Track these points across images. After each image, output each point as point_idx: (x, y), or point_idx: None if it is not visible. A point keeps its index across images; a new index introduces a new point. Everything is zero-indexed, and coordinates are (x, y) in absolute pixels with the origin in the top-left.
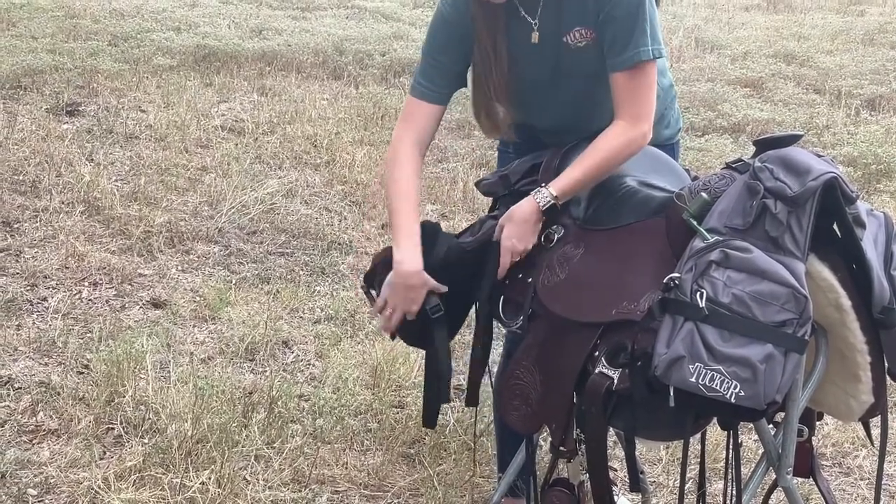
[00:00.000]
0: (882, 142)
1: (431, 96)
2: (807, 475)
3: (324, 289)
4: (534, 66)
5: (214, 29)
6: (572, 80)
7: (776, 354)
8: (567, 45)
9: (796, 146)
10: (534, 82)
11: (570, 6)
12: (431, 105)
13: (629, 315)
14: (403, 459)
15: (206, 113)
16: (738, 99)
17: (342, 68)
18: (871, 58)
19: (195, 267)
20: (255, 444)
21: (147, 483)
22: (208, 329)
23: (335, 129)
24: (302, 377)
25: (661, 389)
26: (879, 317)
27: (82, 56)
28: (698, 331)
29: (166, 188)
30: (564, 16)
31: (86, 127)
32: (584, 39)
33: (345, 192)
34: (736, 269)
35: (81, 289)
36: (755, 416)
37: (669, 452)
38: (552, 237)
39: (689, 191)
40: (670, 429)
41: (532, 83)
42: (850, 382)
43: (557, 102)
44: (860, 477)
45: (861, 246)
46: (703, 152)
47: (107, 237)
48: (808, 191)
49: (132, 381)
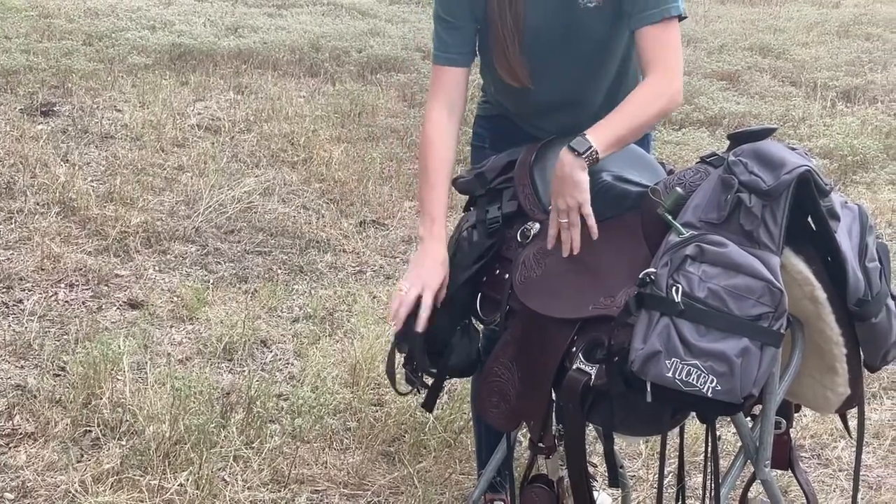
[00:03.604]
0: (857, 133)
1: (455, 59)
2: (785, 467)
3: (302, 287)
4: (547, 20)
5: (190, 27)
6: (582, 43)
7: (752, 348)
8: (580, 3)
9: (770, 139)
10: (545, 40)
11: None
12: (456, 69)
13: (606, 311)
14: (383, 458)
15: (182, 112)
16: (715, 92)
17: (319, 65)
18: (846, 49)
19: (172, 267)
20: (233, 444)
21: (125, 485)
22: (186, 329)
23: (312, 127)
24: (280, 376)
25: (638, 385)
26: (855, 309)
27: (56, 56)
28: (674, 326)
29: (142, 188)
30: None
31: (61, 127)
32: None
33: (322, 190)
34: (711, 264)
35: (58, 290)
36: (732, 410)
37: (649, 447)
38: (528, 234)
39: (663, 185)
40: (648, 424)
41: (543, 40)
42: (827, 375)
43: (564, 65)
44: (839, 468)
45: (835, 238)
46: (681, 146)
47: (83, 238)
48: (782, 184)
49: (109, 383)
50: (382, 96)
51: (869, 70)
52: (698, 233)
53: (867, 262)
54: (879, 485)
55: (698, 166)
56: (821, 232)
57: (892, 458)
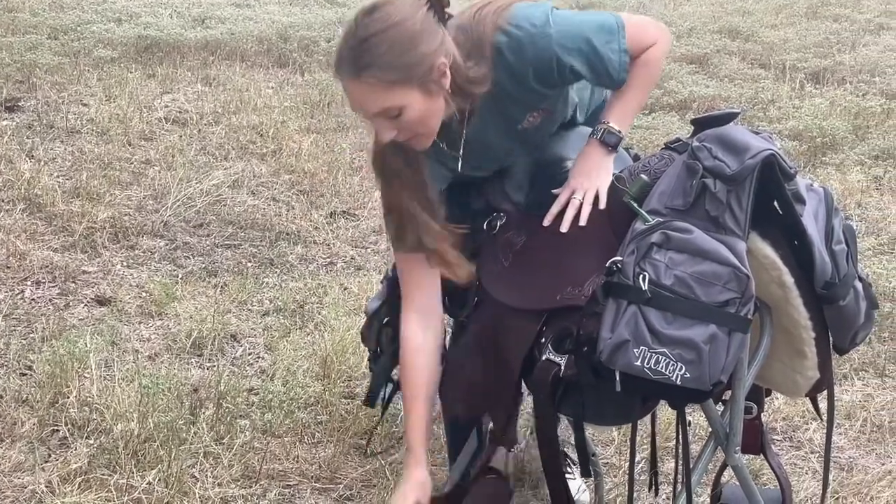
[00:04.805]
0: (827, 114)
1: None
2: (757, 452)
3: (272, 280)
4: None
5: (156, 19)
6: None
7: (720, 335)
8: (524, 129)
9: (734, 124)
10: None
11: (512, 106)
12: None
13: (574, 300)
14: (355, 451)
15: (148, 105)
16: (684, 76)
17: (287, 56)
18: (814, 31)
19: (140, 262)
20: (203, 440)
21: (93, 485)
22: (154, 325)
23: (281, 118)
24: (251, 371)
25: (607, 374)
26: (822, 292)
27: (21, 50)
28: (642, 314)
29: (109, 183)
30: (512, 112)
31: (26, 122)
32: (538, 118)
33: (292, 182)
34: (677, 251)
35: (24, 288)
36: (701, 397)
37: (622, 433)
38: (494, 224)
39: (628, 173)
40: (618, 413)
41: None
42: (796, 359)
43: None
44: (811, 450)
45: (801, 222)
46: (651, 130)
47: (49, 234)
48: (746, 169)
49: (76, 382)
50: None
51: (837, 51)
52: (664, 220)
53: (834, 245)
54: (851, 466)
55: (663, 153)
56: (787, 216)
57: (863, 439)
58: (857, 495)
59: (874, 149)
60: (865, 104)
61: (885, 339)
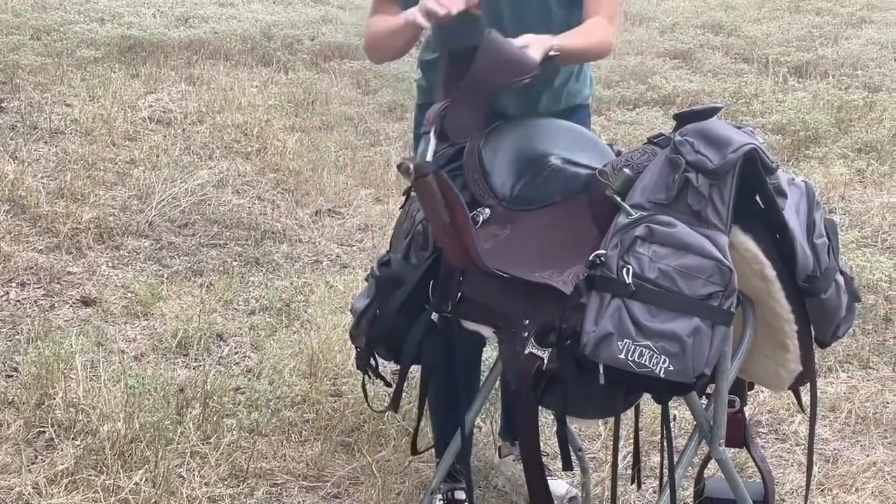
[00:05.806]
0: (809, 108)
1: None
2: (740, 445)
3: (258, 279)
4: None
5: (139, 19)
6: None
7: (703, 328)
8: None
9: (716, 118)
10: None
11: None
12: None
13: (550, 280)
14: (342, 448)
15: (132, 105)
16: (668, 71)
17: (271, 54)
18: (797, 25)
19: (126, 262)
20: (190, 440)
21: (79, 486)
22: (140, 325)
23: (265, 117)
24: (237, 370)
25: (590, 368)
26: (804, 285)
27: (4, 51)
28: (626, 307)
29: (94, 183)
30: None
31: (9, 124)
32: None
33: (277, 181)
34: (661, 244)
35: (9, 290)
36: (685, 390)
37: (608, 428)
38: (477, 219)
39: (611, 167)
40: (601, 406)
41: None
42: (779, 352)
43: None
44: (796, 443)
45: (783, 216)
46: (635, 125)
47: (33, 236)
48: (728, 163)
49: (62, 383)
50: (336, 84)
51: (820, 45)
52: (647, 213)
53: (815, 239)
54: (836, 458)
55: (645, 147)
56: (769, 210)
57: (847, 432)
58: (841, 486)
59: (857, 142)
60: (848, 97)
61: (869, 331)
